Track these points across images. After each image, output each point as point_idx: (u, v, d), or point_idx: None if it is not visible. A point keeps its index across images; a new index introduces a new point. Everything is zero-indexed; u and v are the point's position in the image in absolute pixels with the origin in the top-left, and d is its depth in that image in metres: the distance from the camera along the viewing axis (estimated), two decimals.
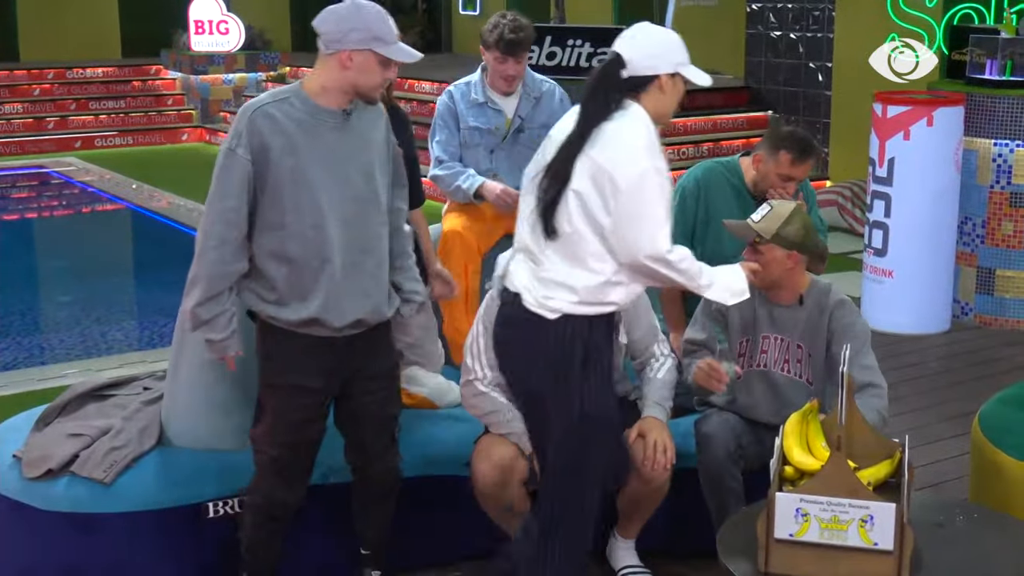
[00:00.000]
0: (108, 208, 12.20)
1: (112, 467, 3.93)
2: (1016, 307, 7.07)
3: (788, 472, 3.24)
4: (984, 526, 3.33)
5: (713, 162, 4.84)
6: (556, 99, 5.10)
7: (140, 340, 7.63)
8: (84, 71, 16.44)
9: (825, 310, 3.98)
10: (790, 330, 3.99)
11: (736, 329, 4.02)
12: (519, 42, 4.90)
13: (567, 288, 3.36)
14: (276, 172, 3.45)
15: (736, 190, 4.65)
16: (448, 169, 5.03)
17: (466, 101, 5.06)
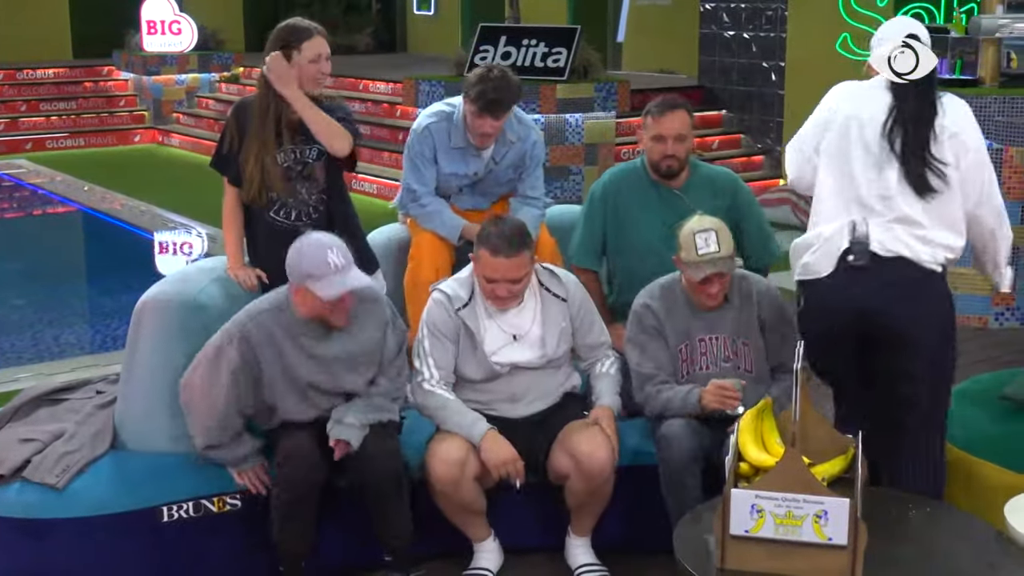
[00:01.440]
0: (60, 210, 12.08)
1: (65, 472, 3.90)
2: (967, 303, 7.14)
3: (743, 469, 3.26)
4: (937, 520, 3.36)
5: (619, 167, 4.85)
6: (529, 144, 4.96)
7: (93, 343, 7.56)
8: (35, 72, 16.29)
9: (750, 298, 4.10)
10: (722, 328, 4.06)
11: (673, 339, 4.06)
12: (501, 103, 4.72)
13: (946, 247, 3.72)
14: (267, 371, 3.88)
15: (646, 184, 4.64)
16: (422, 208, 4.88)
17: (445, 146, 4.87)
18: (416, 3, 18.02)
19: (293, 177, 4.33)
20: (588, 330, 4.21)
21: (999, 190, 3.87)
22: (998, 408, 4.22)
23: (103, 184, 12.58)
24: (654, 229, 4.53)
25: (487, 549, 4.15)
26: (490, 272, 3.99)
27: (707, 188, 4.63)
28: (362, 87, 14.40)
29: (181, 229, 10.39)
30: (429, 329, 4.08)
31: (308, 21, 4.43)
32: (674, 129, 4.53)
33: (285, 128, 4.33)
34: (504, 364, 4.11)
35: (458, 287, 4.13)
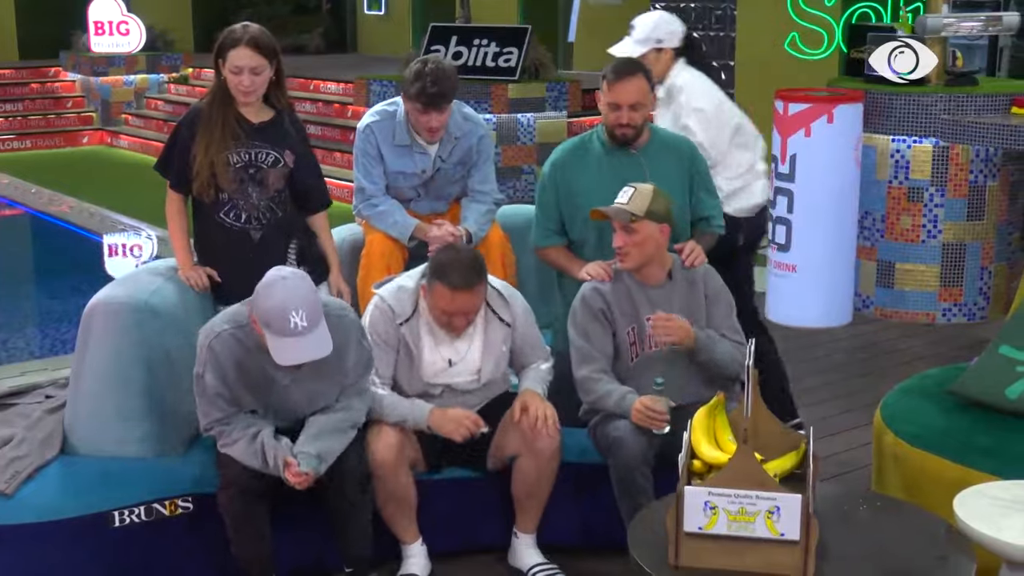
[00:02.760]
0: (6, 213, 11.95)
1: (14, 477, 3.86)
2: (915, 299, 7.22)
3: (696, 466, 3.27)
4: (887, 515, 3.39)
5: (567, 141, 4.73)
6: (475, 138, 4.90)
7: (42, 347, 7.48)
8: None
9: (695, 280, 4.18)
10: (667, 306, 4.10)
11: (620, 322, 4.09)
12: (442, 95, 4.64)
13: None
14: (235, 389, 3.80)
15: (599, 152, 4.55)
16: (373, 208, 4.82)
17: (388, 143, 4.81)
18: (367, 3, 17.96)
19: (245, 179, 4.30)
20: (529, 349, 4.22)
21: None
22: (947, 402, 4.26)
23: (51, 186, 12.44)
24: (608, 194, 4.38)
25: (415, 554, 4.13)
26: (447, 306, 3.95)
27: (668, 151, 4.56)
28: (313, 87, 14.33)
29: (131, 231, 10.30)
30: (372, 337, 4.06)
31: (246, 27, 4.30)
32: (629, 97, 4.41)
33: (241, 129, 4.31)
34: (438, 386, 4.12)
35: (403, 299, 4.09)
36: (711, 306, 4.18)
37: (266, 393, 3.83)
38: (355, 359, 3.89)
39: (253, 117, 4.35)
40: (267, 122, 4.37)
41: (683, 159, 4.59)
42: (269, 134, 4.36)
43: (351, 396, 3.91)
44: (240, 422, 3.78)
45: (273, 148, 4.34)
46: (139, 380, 4.04)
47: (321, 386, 3.87)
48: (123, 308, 4.09)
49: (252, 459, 3.73)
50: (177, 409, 4.04)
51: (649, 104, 4.55)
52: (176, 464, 4.03)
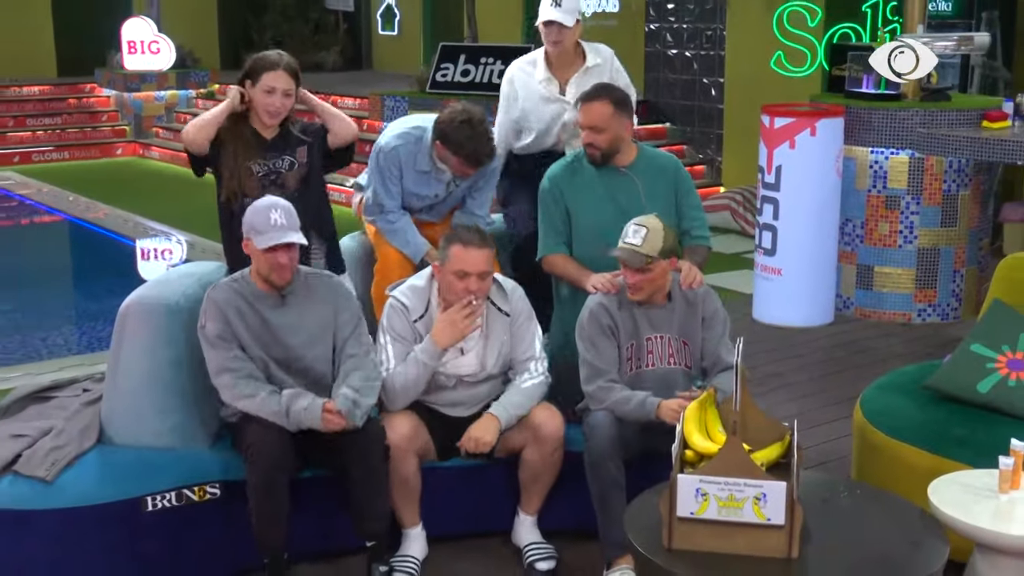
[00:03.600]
0: (46, 220, 11.96)
1: (54, 465, 3.86)
2: (892, 300, 7.21)
3: (688, 456, 3.27)
4: (866, 501, 3.40)
5: (558, 162, 4.67)
6: (489, 169, 4.85)
7: (79, 344, 7.49)
8: (21, 89, 16.09)
9: (694, 302, 4.09)
10: (667, 327, 4.05)
11: (623, 337, 4.04)
12: (489, 156, 4.67)
13: None
14: (236, 330, 3.91)
15: (589, 170, 4.51)
16: (390, 224, 4.79)
17: (411, 167, 4.76)
18: (381, 24, 17.95)
19: (266, 185, 4.32)
20: (519, 341, 4.18)
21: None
22: (921, 397, 4.26)
23: (87, 195, 12.46)
24: (604, 211, 4.42)
25: (414, 537, 4.14)
26: (462, 265, 3.98)
27: (654, 168, 4.52)
28: (331, 102, 14.32)
29: (161, 236, 10.30)
30: (390, 335, 4.08)
31: (280, 55, 4.34)
32: (589, 120, 4.40)
33: (258, 143, 4.33)
34: (451, 376, 4.12)
35: (414, 298, 4.11)
36: (707, 328, 4.09)
37: (265, 336, 3.90)
38: (347, 314, 4.02)
39: (266, 134, 4.37)
40: (277, 136, 4.40)
41: (669, 175, 4.56)
42: (280, 145, 4.39)
43: (357, 351, 3.98)
44: (251, 378, 3.86)
45: (286, 153, 4.37)
46: (170, 375, 4.05)
47: (315, 330, 3.95)
48: (155, 308, 4.10)
49: (275, 405, 3.80)
50: (205, 402, 4.05)
51: (612, 129, 4.41)
52: (205, 453, 4.04)
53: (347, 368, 3.96)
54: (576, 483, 4.11)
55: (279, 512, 3.82)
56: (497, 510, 4.26)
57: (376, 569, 3.95)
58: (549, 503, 4.22)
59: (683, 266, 4.15)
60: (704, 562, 2.98)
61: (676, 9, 12.11)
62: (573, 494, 4.15)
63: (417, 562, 4.09)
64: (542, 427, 4.04)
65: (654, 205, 4.39)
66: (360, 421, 3.82)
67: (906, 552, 3.09)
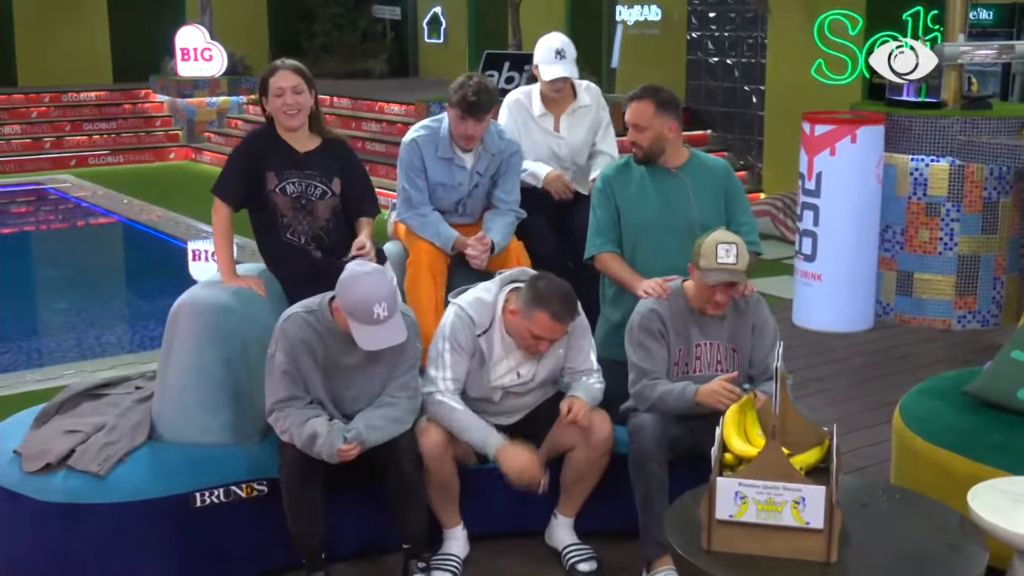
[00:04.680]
0: (101, 221, 12.09)
1: (107, 461, 3.90)
2: (932, 307, 7.14)
3: (728, 459, 3.25)
4: (904, 505, 3.36)
5: (611, 163, 4.73)
6: (508, 154, 4.91)
7: (132, 343, 7.56)
8: (78, 95, 16.29)
9: (744, 310, 4.06)
10: (717, 334, 4.03)
11: (672, 341, 4.02)
12: (480, 104, 4.66)
13: None
14: (303, 367, 3.80)
15: (638, 170, 4.51)
16: (420, 217, 4.81)
17: (432, 156, 4.82)
18: (427, 32, 18.00)
19: (298, 208, 4.31)
20: (576, 353, 4.12)
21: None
22: (962, 403, 4.21)
23: (141, 197, 12.59)
24: (652, 209, 4.43)
25: (456, 536, 4.12)
26: (542, 332, 3.89)
27: (704, 170, 4.52)
28: (378, 108, 14.38)
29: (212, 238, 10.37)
30: (451, 344, 3.98)
31: (283, 60, 4.33)
32: (631, 118, 4.43)
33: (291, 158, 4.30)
34: (497, 389, 4.09)
35: (481, 311, 4.01)
36: (756, 337, 4.06)
37: (331, 374, 3.83)
38: (408, 355, 3.91)
39: (300, 146, 4.32)
40: (314, 151, 4.34)
41: (719, 178, 4.54)
42: (317, 162, 4.33)
43: (399, 394, 3.88)
44: (297, 409, 3.77)
45: (320, 179, 4.31)
46: (219, 374, 4.07)
47: (377, 374, 3.87)
48: (206, 308, 4.12)
49: (300, 442, 3.71)
50: (254, 401, 4.06)
51: (654, 128, 4.42)
52: (253, 450, 4.06)
53: (381, 402, 3.86)
54: (614, 484, 4.09)
55: (313, 512, 3.83)
56: (538, 510, 4.24)
57: (414, 567, 3.94)
58: (585, 503, 4.19)
59: None
60: (742, 565, 2.95)
61: (718, 17, 12.06)
62: (609, 496, 4.14)
63: (459, 560, 4.08)
64: (595, 429, 4.00)
65: (703, 206, 4.39)
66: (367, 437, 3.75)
67: (945, 557, 3.05)
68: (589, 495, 4.16)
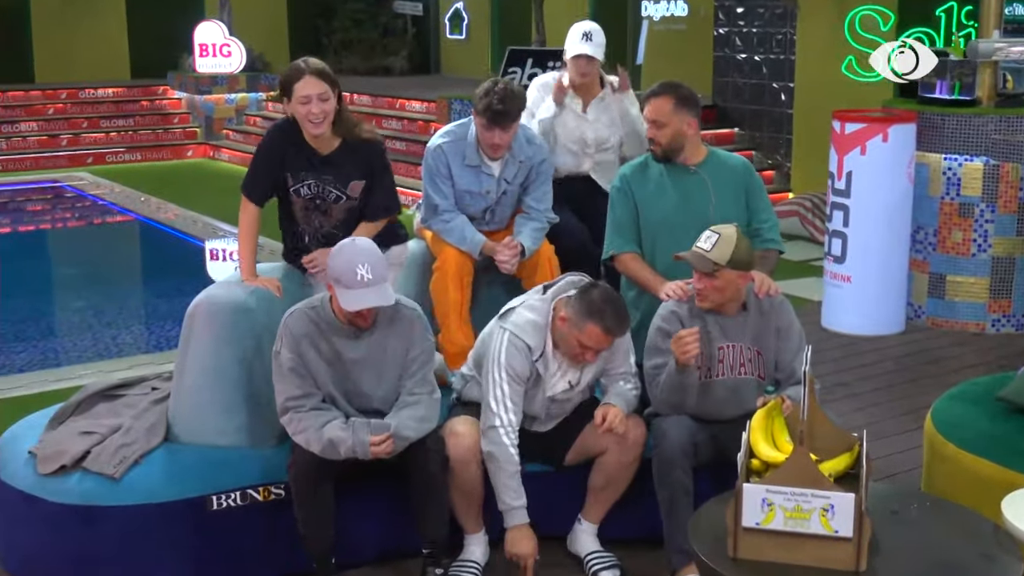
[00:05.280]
0: (118, 220, 12.16)
1: (122, 463, 3.92)
2: (965, 310, 7.09)
3: (755, 464, 3.24)
4: (936, 513, 3.33)
5: (631, 162, 4.70)
6: (537, 160, 4.88)
7: (148, 343, 7.60)
8: (95, 91, 16.40)
9: (768, 312, 4.04)
10: (740, 336, 4.01)
11: None
12: (507, 113, 4.62)
13: None
14: (309, 363, 3.82)
15: (656, 167, 4.51)
16: (445, 223, 4.78)
17: (459, 163, 4.79)
18: (448, 28, 18.03)
19: (311, 209, 4.32)
20: (614, 355, 4.09)
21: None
22: (995, 408, 4.18)
23: (158, 195, 12.66)
24: (671, 207, 4.43)
25: (477, 542, 4.11)
26: (594, 344, 3.87)
27: (724, 168, 4.51)
28: (399, 106, 14.42)
29: (231, 237, 10.42)
30: (509, 375, 3.92)
31: (305, 61, 4.23)
32: (650, 114, 4.44)
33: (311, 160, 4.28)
34: (547, 400, 4.08)
35: (535, 335, 3.95)
36: (781, 340, 4.04)
37: (338, 369, 3.84)
38: (418, 351, 3.90)
39: (322, 148, 4.29)
40: (334, 153, 4.30)
41: (739, 175, 4.54)
42: (336, 165, 4.29)
43: (419, 390, 3.88)
44: (311, 412, 3.77)
45: (336, 183, 4.28)
46: (237, 375, 4.08)
47: (387, 370, 3.87)
48: (223, 308, 4.14)
49: (318, 447, 3.71)
50: (270, 403, 4.06)
51: (673, 124, 4.41)
52: (270, 453, 4.07)
53: (403, 403, 3.86)
54: (638, 491, 4.08)
55: (323, 515, 3.83)
56: (561, 516, 4.23)
57: (432, 573, 3.94)
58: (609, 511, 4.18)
59: (756, 275, 4.09)
60: (769, 573, 2.94)
61: (746, 13, 12.02)
62: (632, 502, 4.13)
63: (479, 566, 4.08)
64: (628, 434, 3.99)
65: (723, 203, 4.39)
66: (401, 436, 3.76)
67: (978, 567, 3.02)
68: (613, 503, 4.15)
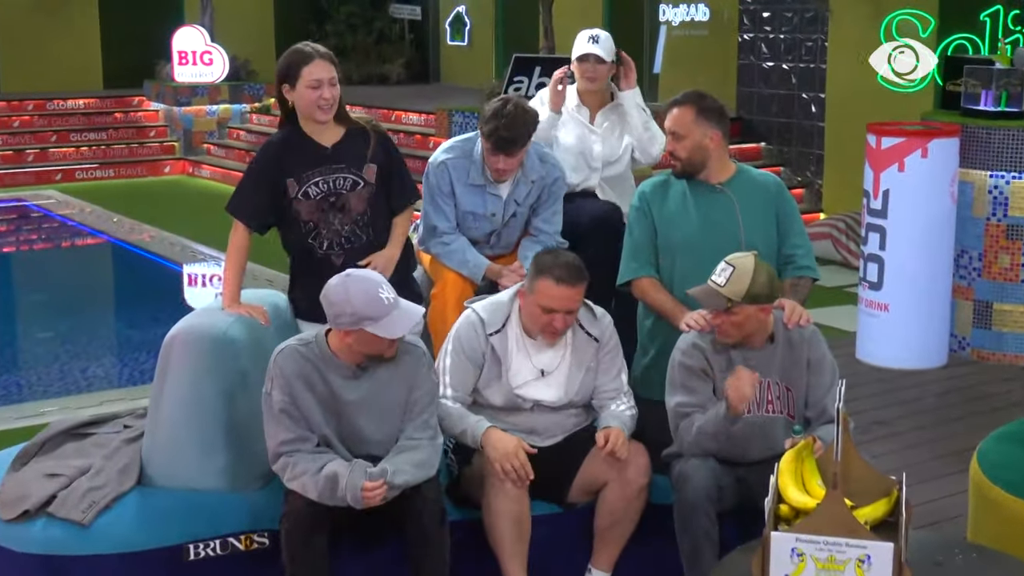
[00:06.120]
0: (89, 242, 12.20)
1: (91, 508, 3.91)
2: (1014, 342, 7.09)
3: (783, 511, 3.23)
4: (984, 566, 3.32)
5: (652, 178, 4.68)
6: (551, 179, 4.91)
7: (121, 377, 7.60)
8: (65, 102, 16.47)
9: (798, 344, 4.04)
10: (767, 371, 4.00)
11: (719, 381, 3.99)
12: (513, 140, 4.66)
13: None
14: (302, 404, 3.80)
15: (680, 184, 4.51)
16: (445, 246, 4.83)
17: (463, 182, 4.82)
18: (449, 33, 18.12)
19: (325, 208, 4.34)
20: (607, 370, 4.21)
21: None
22: None
23: (133, 215, 12.70)
24: (693, 228, 4.43)
25: None
26: (550, 302, 3.99)
27: (753, 186, 4.52)
28: (394, 118, 14.49)
29: (211, 261, 10.45)
30: (454, 346, 4.11)
31: (312, 45, 4.34)
32: (669, 125, 4.45)
33: (316, 155, 4.33)
34: (527, 400, 4.14)
35: (494, 311, 4.15)
36: (812, 375, 4.03)
37: (332, 411, 3.83)
38: (422, 391, 3.91)
39: (326, 140, 4.36)
40: (341, 141, 4.38)
41: (769, 194, 4.54)
42: (346, 152, 4.36)
43: (419, 435, 3.88)
44: (307, 454, 3.77)
45: (351, 169, 4.35)
46: (218, 412, 4.08)
47: (388, 412, 3.88)
48: (202, 339, 4.14)
49: (316, 491, 3.71)
50: (256, 442, 4.06)
51: (692, 136, 4.42)
52: (253, 498, 4.07)
53: (402, 447, 3.85)
54: (656, 538, 4.07)
55: (317, 570, 3.81)
56: (570, 564, 4.23)
57: None
58: (623, 558, 4.17)
59: (785, 303, 4.09)
60: None
61: (773, 17, 12.07)
62: (651, 551, 4.13)
63: None
64: (629, 462, 4.02)
65: (751, 225, 4.38)
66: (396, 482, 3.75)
67: None
68: (626, 546, 4.15)
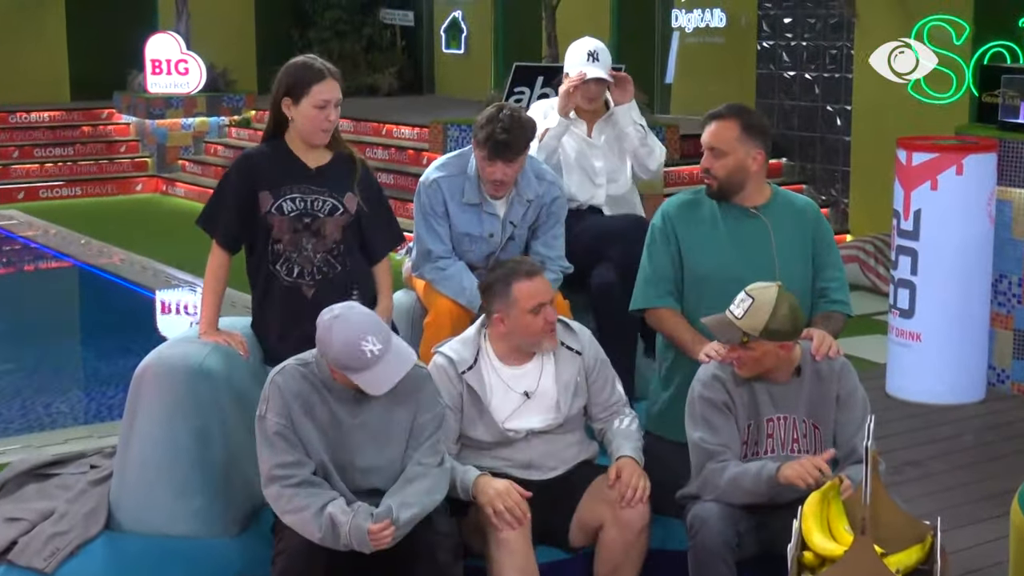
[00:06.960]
0: (53, 265, 12.20)
1: (54, 555, 3.91)
2: None
3: (808, 558, 3.23)
4: None
5: (679, 195, 4.64)
6: (549, 198, 4.93)
7: (88, 412, 7.59)
8: (28, 115, 16.47)
9: (827, 377, 4.03)
10: (793, 407, 4.00)
11: (740, 416, 4.00)
12: (511, 145, 4.66)
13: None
14: (299, 428, 3.81)
15: (711, 206, 4.48)
16: (440, 271, 4.82)
17: (456, 201, 4.83)
18: (445, 40, 18.18)
19: (299, 229, 4.33)
20: (603, 387, 4.28)
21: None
22: None
23: (101, 237, 12.69)
24: (722, 255, 4.39)
25: None
26: (533, 298, 4.10)
27: (790, 212, 4.50)
28: (385, 132, 14.50)
29: (185, 287, 10.46)
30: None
31: (322, 61, 4.36)
32: (708, 140, 4.41)
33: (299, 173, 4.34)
34: (519, 431, 4.17)
35: (462, 348, 4.22)
36: (841, 411, 4.01)
37: (333, 437, 3.82)
38: (428, 416, 3.92)
39: (312, 161, 4.38)
40: (327, 165, 4.41)
41: (807, 222, 4.52)
42: (329, 176, 4.38)
43: (427, 460, 3.88)
44: (305, 488, 3.75)
45: (331, 194, 4.36)
46: (192, 451, 4.08)
47: (391, 440, 3.87)
48: (176, 371, 4.14)
49: (319, 532, 3.67)
50: (232, 484, 4.08)
51: (735, 155, 4.39)
52: (229, 545, 4.06)
53: (410, 475, 3.85)
54: None
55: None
56: None
57: None
58: None
59: (814, 333, 4.08)
60: None
61: (794, 24, 12.12)
62: None
63: None
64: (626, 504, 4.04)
65: (785, 255, 4.36)
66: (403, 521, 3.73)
67: None
68: None
